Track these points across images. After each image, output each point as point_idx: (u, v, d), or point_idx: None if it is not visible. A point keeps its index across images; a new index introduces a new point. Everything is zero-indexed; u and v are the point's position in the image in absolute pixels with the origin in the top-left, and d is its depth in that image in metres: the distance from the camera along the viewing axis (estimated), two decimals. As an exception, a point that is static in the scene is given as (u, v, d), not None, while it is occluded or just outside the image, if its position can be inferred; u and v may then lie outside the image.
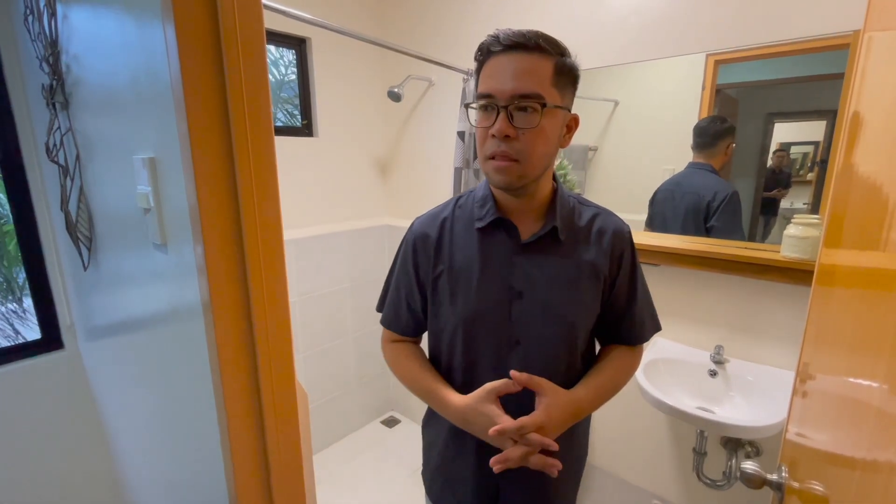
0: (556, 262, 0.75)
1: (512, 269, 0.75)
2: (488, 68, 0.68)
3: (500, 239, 0.76)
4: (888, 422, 0.40)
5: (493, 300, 0.75)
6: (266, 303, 0.57)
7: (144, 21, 0.57)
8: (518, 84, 0.64)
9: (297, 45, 1.87)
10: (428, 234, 0.81)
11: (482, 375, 0.77)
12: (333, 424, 2.21)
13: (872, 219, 0.51)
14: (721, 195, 1.27)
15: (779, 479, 0.66)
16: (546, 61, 0.66)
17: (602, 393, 0.78)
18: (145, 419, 0.99)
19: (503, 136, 0.66)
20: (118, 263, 0.88)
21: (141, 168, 0.63)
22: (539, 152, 0.68)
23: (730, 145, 1.26)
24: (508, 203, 0.76)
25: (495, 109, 0.66)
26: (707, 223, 1.29)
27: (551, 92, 0.66)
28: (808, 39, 1.07)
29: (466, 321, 0.76)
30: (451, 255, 0.79)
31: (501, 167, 0.68)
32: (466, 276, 0.77)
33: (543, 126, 0.67)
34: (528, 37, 0.65)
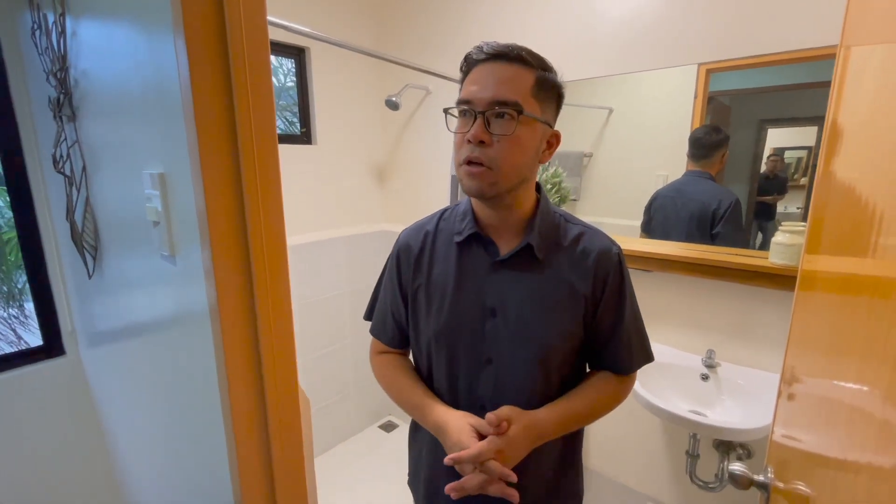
0: (532, 281, 0.73)
1: (486, 286, 0.74)
2: (471, 76, 0.69)
3: (477, 254, 0.75)
4: (867, 423, 0.43)
5: (466, 316, 0.74)
6: (271, 308, 0.59)
7: (155, 36, 0.59)
8: (497, 91, 0.65)
9: (297, 55, 1.90)
10: (411, 246, 0.82)
11: (453, 389, 0.76)
12: (332, 429, 2.22)
13: (848, 226, 0.54)
14: (725, 203, 1.28)
15: (765, 480, 0.69)
16: (527, 73, 0.67)
17: (570, 416, 0.73)
18: (147, 424, 1.00)
19: (478, 142, 0.66)
20: (124, 272, 0.90)
21: (151, 183, 0.65)
22: (513, 161, 0.67)
23: (724, 154, 1.28)
24: (487, 217, 0.75)
25: (473, 116, 0.66)
26: (712, 230, 1.30)
27: (530, 102, 0.67)
28: (794, 51, 1.10)
29: (439, 336, 0.76)
30: (429, 268, 0.78)
31: (473, 173, 0.67)
32: (442, 290, 0.76)
33: (519, 135, 0.66)
34: (510, 48, 0.66)
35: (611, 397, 0.78)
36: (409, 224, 0.88)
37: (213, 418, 0.63)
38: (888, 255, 0.42)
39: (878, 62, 0.51)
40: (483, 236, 0.75)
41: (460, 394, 0.76)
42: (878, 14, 0.52)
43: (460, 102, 0.69)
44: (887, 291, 0.41)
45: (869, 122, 0.51)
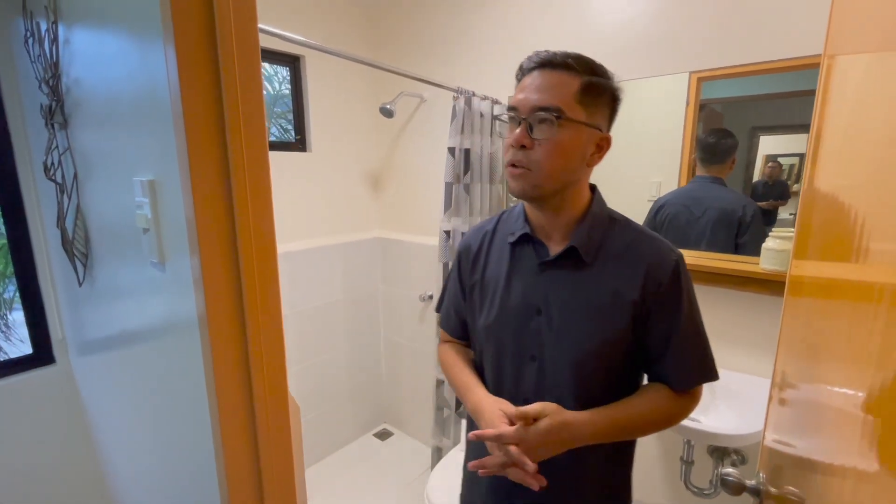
0: (575, 284, 0.73)
1: (533, 286, 0.75)
2: (520, 84, 0.71)
3: (527, 254, 0.78)
4: (853, 426, 0.43)
5: (514, 313, 0.76)
6: (260, 316, 0.59)
7: (146, 45, 0.59)
8: (539, 97, 0.67)
9: (292, 63, 1.91)
10: (471, 246, 0.86)
11: (500, 381, 0.79)
12: (325, 437, 2.21)
13: (833, 231, 0.54)
14: (750, 211, 1.24)
15: (757, 486, 0.69)
16: (572, 78, 0.68)
17: (611, 423, 0.71)
18: (137, 432, 0.99)
19: (519, 146, 0.69)
20: (114, 279, 0.90)
21: (141, 190, 0.65)
22: (553, 164, 0.69)
23: (734, 159, 1.26)
24: (537, 218, 0.77)
25: (518, 121, 0.69)
26: (738, 238, 1.26)
27: (574, 108, 0.68)
28: (783, 60, 1.12)
29: (489, 330, 0.79)
30: (485, 266, 0.82)
31: (516, 174, 0.70)
32: (494, 287, 0.79)
33: (561, 139, 0.68)
34: (557, 55, 0.69)
35: (664, 413, 0.74)
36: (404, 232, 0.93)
37: (202, 426, 0.62)
38: (870, 261, 0.42)
39: (859, 71, 0.52)
40: (534, 237, 0.77)
41: (506, 386, 0.78)
42: (858, 24, 0.53)
43: (509, 109, 0.72)
44: (870, 296, 0.41)
45: (851, 130, 0.52)
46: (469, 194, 1.64)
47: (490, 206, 1.73)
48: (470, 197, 1.65)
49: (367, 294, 2.28)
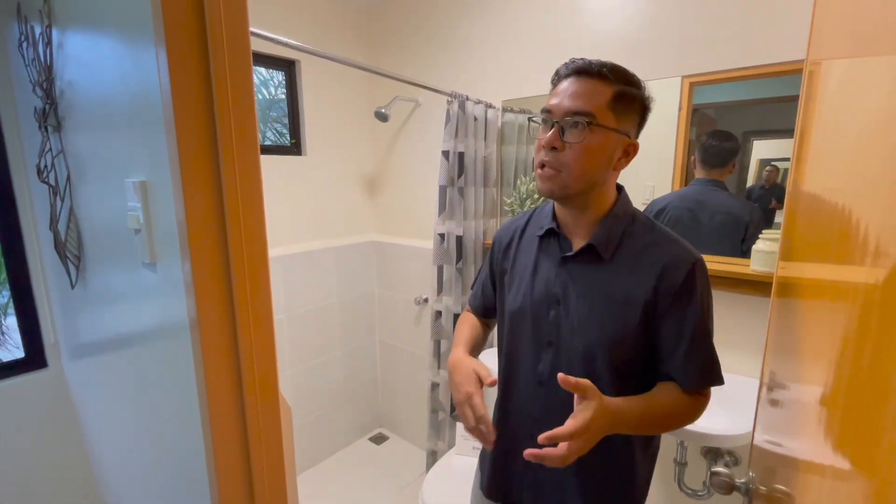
0: (592, 279, 0.77)
1: (555, 277, 0.80)
2: (555, 89, 0.75)
3: (553, 247, 0.83)
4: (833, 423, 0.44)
5: (536, 301, 0.81)
6: (251, 319, 0.59)
7: (139, 48, 0.60)
8: (573, 103, 0.71)
9: (287, 67, 1.91)
10: (502, 239, 0.93)
11: (518, 363, 0.84)
12: (320, 442, 2.20)
13: (815, 233, 0.55)
14: (756, 216, 1.25)
15: (747, 484, 0.69)
16: (606, 87, 0.71)
17: (648, 413, 0.72)
18: (128, 436, 0.99)
19: (550, 147, 0.72)
20: (107, 282, 0.90)
21: (133, 191, 0.66)
22: (582, 167, 0.72)
23: (734, 163, 1.26)
24: (564, 216, 0.82)
25: (551, 124, 0.73)
26: (744, 244, 1.26)
27: (606, 114, 0.71)
28: (773, 65, 1.14)
29: (514, 314, 0.84)
30: (515, 257, 0.88)
31: (545, 175, 0.74)
32: (521, 276, 0.85)
33: (590, 143, 0.71)
34: (592, 64, 0.72)
35: (683, 410, 0.75)
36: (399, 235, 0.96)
37: (193, 427, 0.62)
38: (851, 261, 0.43)
39: (838, 76, 0.53)
40: (559, 232, 0.82)
41: (523, 367, 0.83)
42: (837, 30, 0.55)
43: (543, 111, 0.75)
44: (848, 296, 0.42)
45: (832, 134, 0.53)
46: (463, 197, 1.65)
47: (484, 209, 1.74)
48: (464, 200, 1.65)
49: (363, 297, 2.29)
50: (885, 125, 0.38)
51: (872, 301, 0.37)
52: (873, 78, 0.41)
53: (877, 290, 0.36)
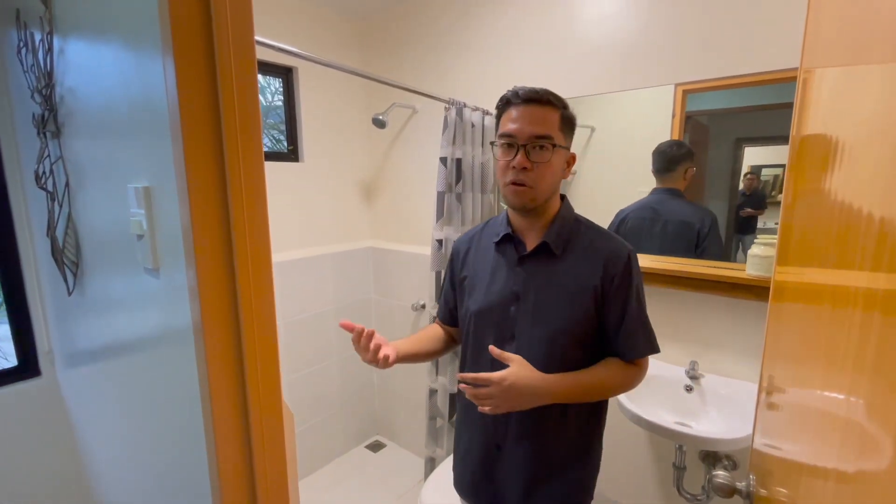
0: (548, 273, 0.88)
1: (513, 276, 0.90)
2: (508, 115, 0.85)
3: (509, 250, 0.93)
4: (836, 428, 0.44)
5: (497, 299, 0.91)
6: (255, 325, 0.59)
7: (143, 56, 0.60)
8: (535, 128, 0.82)
9: (284, 74, 1.92)
10: (460, 249, 1.04)
11: (487, 360, 0.89)
12: (317, 450, 2.18)
13: (812, 238, 0.56)
14: (707, 221, 1.31)
15: (747, 488, 0.70)
16: (554, 112, 0.84)
17: (579, 386, 0.85)
18: (127, 445, 0.98)
19: (521, 168, 0.83)
20: (106, 288, 0.89)
21: (135, 197, 0.66)
22: (547, 181, 0.85)
23: (688, 169, 1.32)
24: (519, 222, 0.92)
25: (515, 147, 0.83)
26: (697, 248, 1.33)
27: (558, 135, 0.84)
28: (765, 73, 1.16)
29: (477, 314, 0.93)
30: (473, 263, 0.98)
31: (518, 191, 0.85)
32: (481, 279, 0.95)
33: (552, 161, 0.84)
34: (540, 93, 0.84)
35: (618, 378, 0.89)
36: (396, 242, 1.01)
37: (195, 434, 0.62)
38: (848, 266, 0.44)
39: (831, 84, 0.54)
40: (515, 236, 0.93)
41: (489, 361, 0.88)
42: (829, 39, 0.56)
43: (504, 135, 0.85)
44: (848, 300, 0.43)
45: (826, 141, 0.55)
46: (461, 203, 1.66)
47: (482, 214, 1.74)
48: (462, 206, 1.66)
49: (360, 304, 2.28)
50: (880, 131, 0.39)
51: (873, 304, 0.37)
52: (867, 85, 0.42)
53: (878, 294, 0.37)
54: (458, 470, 1.05)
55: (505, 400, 0.81)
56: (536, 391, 0.82)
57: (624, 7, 1.37)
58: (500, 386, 0.80)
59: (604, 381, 0.88)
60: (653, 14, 1.32)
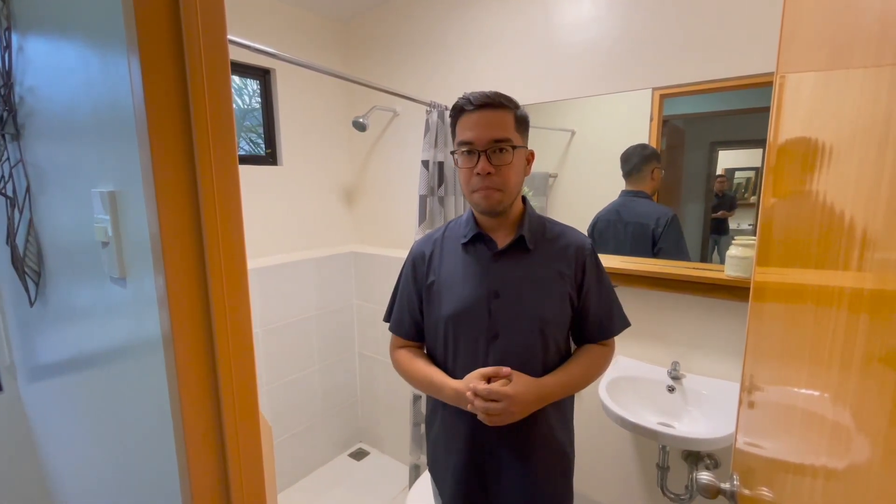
0: (526, 266, 0.90)
1: (489, 274, 0.90)
2: (464, 123, 0.86)
3: (479, 250, 0.93)
4: (817, 426, 0.44)
5: (475, 299, 0.90)
6: (230, 334, 0.57)
7: (108, 55, 0.57)
8: (493, 133, 0.84)
9: (262, 76, 1.88)
10: (423, 252, 0.99)
11: (466, 362, 0.90)
12: (299, 460, 2.13)
13: (791, 239, 0.57)
14: (663, 220, 1.36)
15: (731, 488, 0.70)
16: (508, 114, 0.86)
17: (569, 382, 0.90)
18: (94, 463, 0.93)
19: (486, 174, 0.84)
20: (70, 299, 0.85)
21: (100, 202, 0.62)
22: (513, 182, 0.87)
23: (654, 170, 1.35)
24: (487, 222, 0.93)
25: (476, 154, 0.85)
26: (654, 248, 1.37)
27: (516, 136, 0.86)
28: (739, 78, 1.18)
29: (453, 317, 0.91)
30: (440, 266, 0.96)
31: (488, 195, 0.86)
32: (452, 280, 0.93)
33: (514, 162, 0.86)
34: (492, 97, 0.84)
35: (599, 362, 0.95)
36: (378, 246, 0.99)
37: (166, 451, 0.59)
38: (827, 266, 0.44)
39: (808, 88, 0.55)
40: (484, 235, 0.93)
41: (472, 365, 0.89)
42: (804, 45, 0.57)
43: (463, 143, 0.86)
44: (828, 300, 0.43)
45: (805, 143, 0.55)
46: (443, 207, 1.65)
47: (464, 218, 1.73)
48: (444, 209, 1.65)
49: (342, 309, 2.24)
50: (860, 134, 0.39)
51: (854, 303, 0.38)
52: (847, 89, 0.43)
53: (860, 293, 0.37)
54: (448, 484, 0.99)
55: (512, 414, 0.82)
56: (538, 398, 0.85)
57: (602, 13, 1.38)
58: (511, 400, 0.81)
59: (589, 369, 0.93)
60: (630, 20, 1.34)
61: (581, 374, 0.91)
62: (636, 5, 1.32)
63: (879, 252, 0.34)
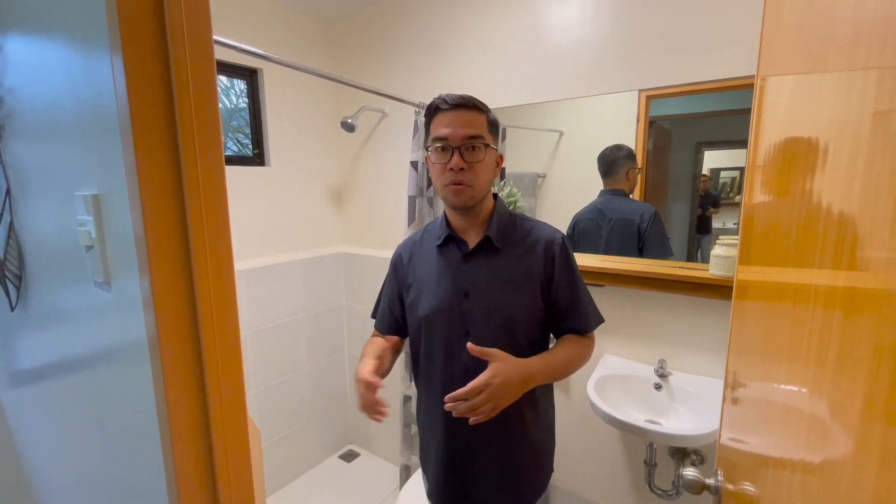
0: (495, 266, 0.93)
1: (459, 274, 0.94)
2: (439, 121, 0.89)
3: (452, 251, 0.97)
4: (798, 421, 0.46)
5: (446, 300, 0.94)
6: (218, 338, 0.56)
7: (91, 54, 0.56)
8: (467, 130, 0.87)
9: (249, 76, 1.87)
10: (402, 255, 1.05)
11: (442, 359, 0.95)
12: (288, 462, 2.11)
13: (771, 238, 0.58)
14: (647, 215, 1.38)
15: (716, 483, 0.71)
16: (481, 116, 0.90)
17: (553, 364, 0.91)
18: (78, 471, 0.91)
19: (459, 169, 0.87)
20: (53, 303, 0.83)
21: (84, 205, 0.61)
22: (483, 179, 0.90)
23: (630, 170, 1.38)
24: (459, 223, 0.96)
25: (450, 150, 0.88)
26: (639, 243, 1.39)
27: (488, 136, 0.90)
28: (723, 80, 1.21)
29: (428, 317, 0.96)
30: (417, 268, 1.00)
31: (458, 190, 0.89)
32: (427, 282, 0.97)
33: (486, 160, 0.90)
34: (466, 99, 0.89)
35: (583, 349, 0.97)
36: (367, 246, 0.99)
37: (153, 457, 0.58)
38: (804, 265, 0.46)
39: (788, 91, 0.57)
40: (456, 237, 0.96)
41: (446, 363, 0.94)
42: (783, 49, 0.58)
43: (437, 139, 0.89)
44: (808, 297, 0.44)
45: (781, 145, 0.57)
46: (433, 207, 1.65)
47: (454, 219, 1.74)
48: (434, 210, 1.65)
49: (331, 310, 2.23)
50: (837, 135, 0.40)
51: (830, 300, 0.39)
52: (825, 92, 0.44)
53: (834, 291, 0.38)
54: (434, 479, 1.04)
55: (500, 399, 0.80)
56: (523, 379, 0.84)
57: (589, 16, 1.40)
58: (492, 387, 0.79)
59: (571, 357, 0.95)
60: (617, 23, 1.35)
61: (563, 360, 0.92)
62: (622, 9, 1.34)
63: (852, 251, 0.35)
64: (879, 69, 0.33)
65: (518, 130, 1.63)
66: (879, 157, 0.32)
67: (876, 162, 0.32)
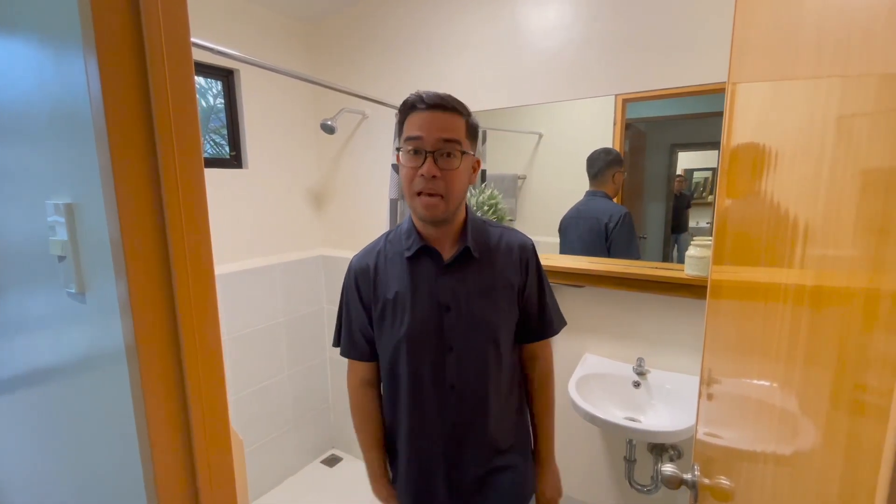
0: (474, 277, 0.89)
1: (438, 288, 0.88)
2: (414, 120, 0.82)
3: (426, 264, 0.89)
4: (769, 415, 0.47)
5: (426, 316, 0.87)
6: (198, 345, 0.55)
7: (64, 56, 0.55)
8: (443, 133, 0.80)
9: (225, 77, 1.83)
10: (367, 266, 0.93)
11: (431, 380, 0.89)
12: (270, 469, 2.08)
13: (743, 239, 0.61)
14: (616, 216, 1.42)
15: (692, 478, 0.73)
16: (460, 119, 0.82)
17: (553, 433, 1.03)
18: (53, 485, 0.88)
19: (431, 176, 0.79)
20: (23, 315, 0.80)
21: (56, 213, 0.59)
22: (458, 188, 0.83)
23: (616, 174, 1.41)
24: (430, 233, 0.89)
25: (422, 154, 0.80)
26: (606, 242, 1.43)
27: (465, 142, 0.83)
28: (695, 85, 1.25)
29: (408, 337, 0.88)
30: (387, 283, 0.91)
31: (429, 203, 0.81)
32: (403, 299, 0.88)
33: (461, 168, 0.82)
34: (446, 99, 0.81)
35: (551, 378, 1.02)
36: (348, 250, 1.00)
37: (132, 470, 0.57)
38: (773, 264, 0.48)
39: (760, 96, 0.59)
40: (429, 248, 0.89)
41: (429, 380, 0.89)
42: (753, 56, 0.61)
43: (410, 139, 0.81)
44: (777, 296, 0.46)
45: (752, 149, 0.59)
46: (414, 210, 1.65)
47: (436, 221, 1.74)
48: (415, 213, 1.65)
49: (312, 314, 2.21)
50: (804, 139, 0.42)
51: (799, 298, 0.41)
52: (792, 98, 0.46)
53: (802, 289, 0.40)
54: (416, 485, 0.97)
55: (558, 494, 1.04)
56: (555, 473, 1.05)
57: (568, 22, 1.42)
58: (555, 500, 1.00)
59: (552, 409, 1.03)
60: (593, 30, 1.38)
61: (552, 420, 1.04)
62: (599, 16, 1.37)
63: (818, 250, 0.37)
64: (842, 77, 0.35)
65: (498, 132, 1.64)
66: (843, 160, 0.34)
67: (840, 165, 0.34)
